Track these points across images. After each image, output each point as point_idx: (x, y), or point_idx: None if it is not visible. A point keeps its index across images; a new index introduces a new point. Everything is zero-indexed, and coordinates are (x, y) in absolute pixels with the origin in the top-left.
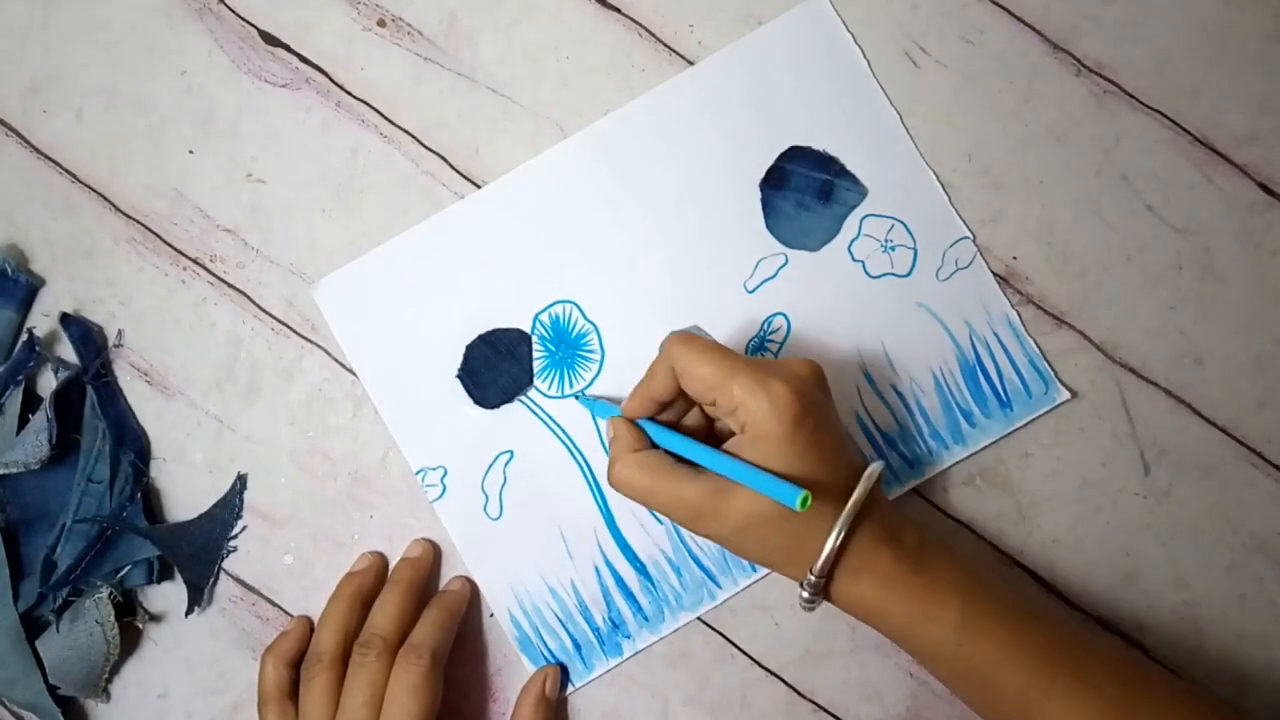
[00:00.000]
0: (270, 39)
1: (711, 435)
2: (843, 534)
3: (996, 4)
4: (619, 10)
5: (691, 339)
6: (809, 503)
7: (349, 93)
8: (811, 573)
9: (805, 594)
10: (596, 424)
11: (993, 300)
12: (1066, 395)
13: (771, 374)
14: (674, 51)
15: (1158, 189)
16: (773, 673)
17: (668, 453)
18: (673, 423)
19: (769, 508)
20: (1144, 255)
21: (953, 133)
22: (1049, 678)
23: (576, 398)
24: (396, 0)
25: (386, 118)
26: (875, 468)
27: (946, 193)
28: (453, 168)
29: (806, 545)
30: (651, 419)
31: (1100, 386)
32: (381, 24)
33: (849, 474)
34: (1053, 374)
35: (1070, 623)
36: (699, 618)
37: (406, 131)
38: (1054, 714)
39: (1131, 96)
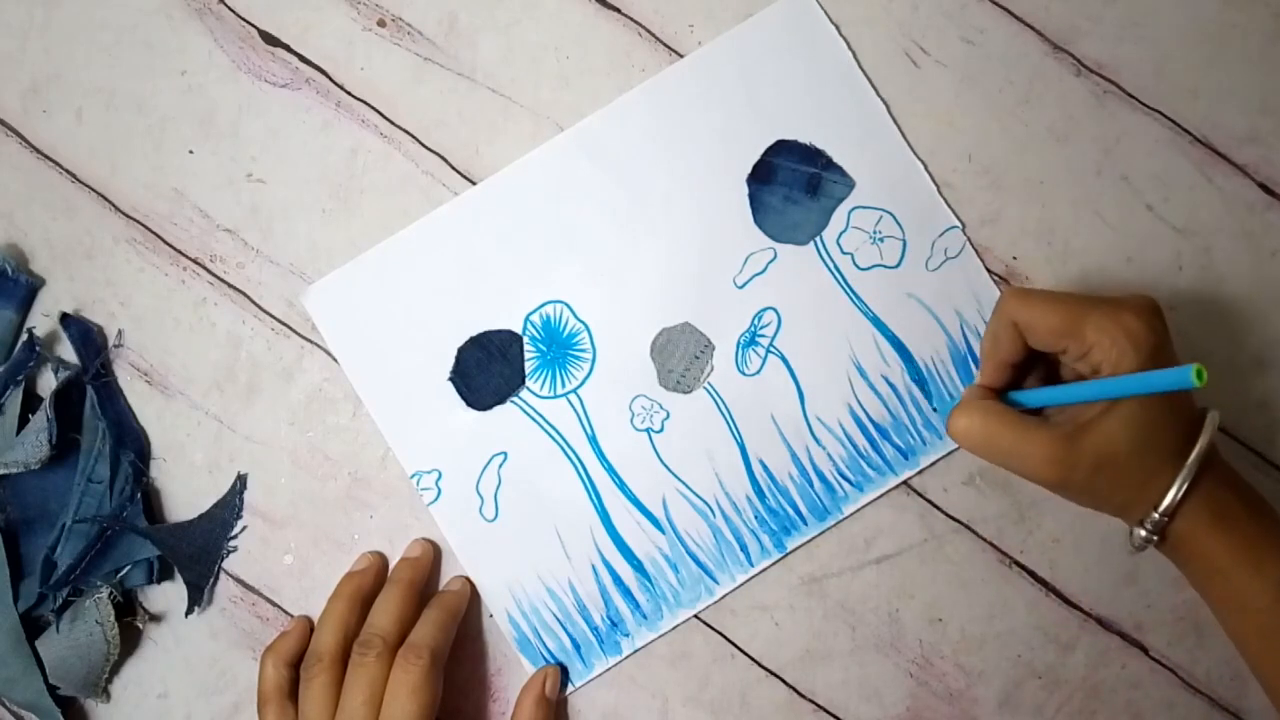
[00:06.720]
0: (270, 39)
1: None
2: (1196, 470)
3: (996, 4)
4: (619, 10)
5: (1025, 292)
6: (1204, 376)
7: (349, 93)
8: (1156, 510)
9: (1144, 532)
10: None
11: (983, 289)
12: None
13: (1120, 310)
14: (674, 52)
15: (1158, 189)
16: (773, 673)
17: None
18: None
19: (1122, 441)
20: (1144, 255)
21: (953, 133)
22: None
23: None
24: (396, 0)
25: (386, 118)
26: (1216, 413)
27: (934, 182)
28: (453, 168)
29: (1154, 482)
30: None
31: None
32: (381, 24)
33: (1191, 416)
34: None
35: None
36: (698, 617)
37: (406, 131)
38: None
39: (1131, 96)
